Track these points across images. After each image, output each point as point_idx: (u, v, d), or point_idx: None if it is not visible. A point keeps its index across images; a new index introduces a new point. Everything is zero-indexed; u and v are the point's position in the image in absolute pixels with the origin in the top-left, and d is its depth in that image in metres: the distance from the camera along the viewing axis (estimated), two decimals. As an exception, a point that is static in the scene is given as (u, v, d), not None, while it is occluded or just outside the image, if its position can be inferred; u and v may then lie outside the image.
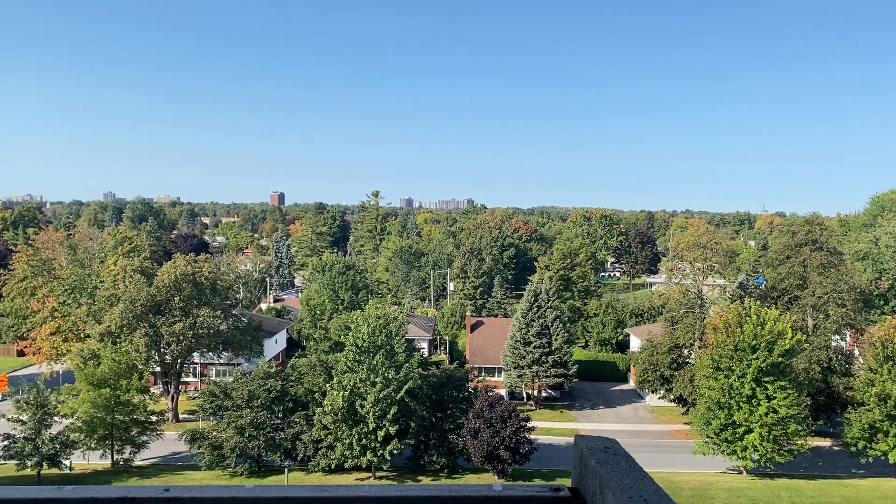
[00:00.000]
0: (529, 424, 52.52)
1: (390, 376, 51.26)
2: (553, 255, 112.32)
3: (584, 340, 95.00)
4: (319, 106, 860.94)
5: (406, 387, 51.38)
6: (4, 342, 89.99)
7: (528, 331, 71.58)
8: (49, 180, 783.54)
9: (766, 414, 51.39)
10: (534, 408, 71.83)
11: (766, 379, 51.85)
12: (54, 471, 50.61)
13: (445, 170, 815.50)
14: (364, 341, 52.17)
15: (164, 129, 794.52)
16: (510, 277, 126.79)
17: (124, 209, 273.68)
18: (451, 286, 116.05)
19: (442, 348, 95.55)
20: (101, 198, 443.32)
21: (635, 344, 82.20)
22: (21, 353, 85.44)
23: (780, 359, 51.53)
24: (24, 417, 49.69)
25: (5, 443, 49.06)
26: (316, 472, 52.57)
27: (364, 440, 50.70)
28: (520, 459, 51.49)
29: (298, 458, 53.29)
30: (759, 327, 52.13)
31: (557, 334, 71.46)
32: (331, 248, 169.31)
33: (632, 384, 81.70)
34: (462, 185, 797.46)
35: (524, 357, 71.14)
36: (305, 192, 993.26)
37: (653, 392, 71.57)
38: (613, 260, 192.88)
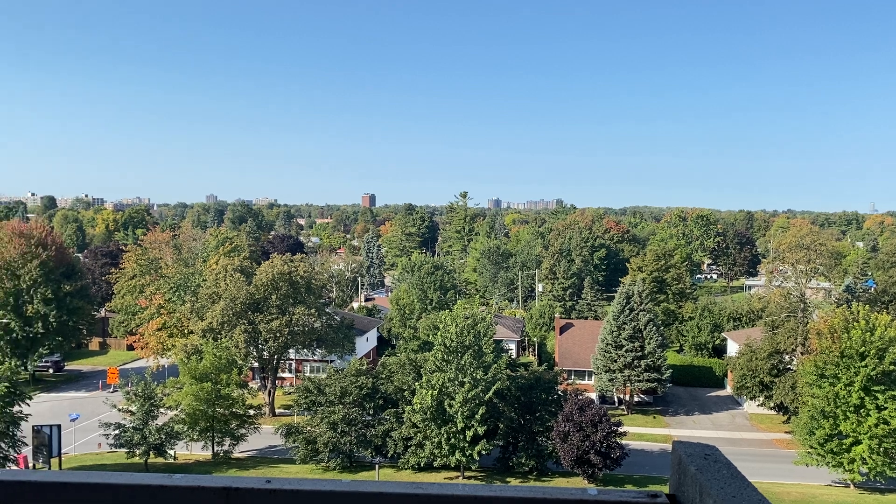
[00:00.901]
0: (621, 429, 51.47)
1: (478, 377, 51.35)
2: (646, 257, 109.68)
3: (678, 344, 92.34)
4: (409, 108, 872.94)
5: (494, 388, 51.35)
6: (116, 337, 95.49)
7: (620, 334, 70.17)
8: (156, 184, 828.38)
9: (877, 425, 48.45)
10: (625, 412, 70.35)
11: (875, 388, 48.90)
12: (160, 460, 53.35)
13: (534, 170, 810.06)
14: (452, 341, 52.47)
15: (262, 134, 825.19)
16: (601, 279, 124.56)
17: (225, 211, 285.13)
18: (539, 287, 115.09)
19: (530, 350, 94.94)
20: (203, 200, 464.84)
21: (733, 349, 79.23)
22: (130, 348, 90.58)
23: (891, 367, 48.49)
24: (134, 408, 52.58)
25: (116, 432, 51.99)
26: (406, 469, 53.30)
27: (452, 439, 50.99)
28: (611, 464, 50.54)
29: (389, 455, 54.15)
30: (869, 333, 49.25)
31: (650, 338, 69.75)
32: (419, 249, 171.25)
33: (729, 390, 78.78)
34: (551, 186, 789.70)
35: (615, 361, 69.79)
36: (395, 193, 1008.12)
37: (751, 399, 68.80)
38: (710, 261, 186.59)
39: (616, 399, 74.11)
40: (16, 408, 47.94)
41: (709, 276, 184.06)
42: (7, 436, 46.55)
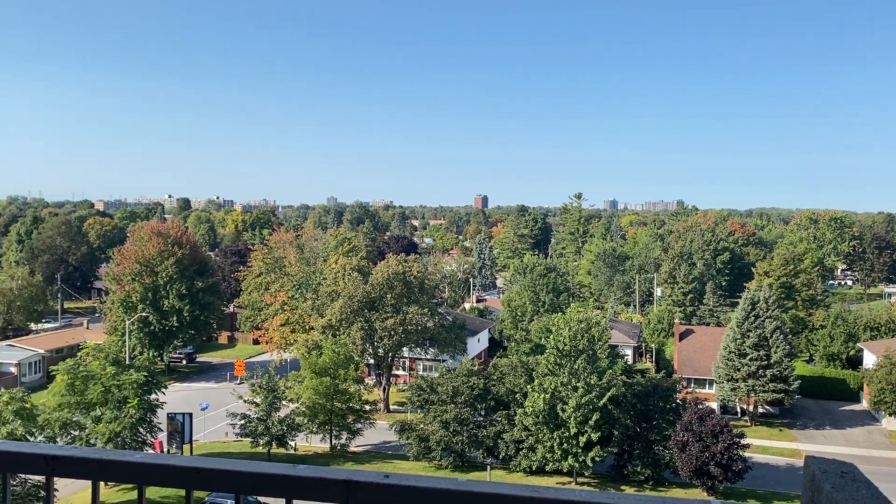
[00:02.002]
0: (743, 441, 49.05)
1: (592, 382, 50.41)
2: (773, 261, 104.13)
3: (807, 354, 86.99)
4: (522, 109, 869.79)
5: (609, 394, 50.25)
6: (243, 331, 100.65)
7: (744, 342, 66.93)
8: (281, 186, 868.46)
9: None
10: (749, 424, 66.99)
11: None
12: (281, 450, 55.71)
13: (652, 169, 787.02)
14: (565, 345, 51.80)
15: (380, 138, 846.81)
16: (724, 284, 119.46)
17: (344, 212, 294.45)
18: (658, 291, 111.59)
19: (647, 356, 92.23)
20: (324, 202, 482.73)
21: (870, 360, 73.73)
22: (256, 342, 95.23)
23: None
24: (258, 400, 55.19)
25: (242, 422, 54.75)
26: (517, 471, 53.08)
27: (565, 444, 50.31)
28: (732, 477, 48.27)
29: (500, 457, 54.11)
30: None
31: (777, 346, 66.09)
32: (532, 251, 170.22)
33: (865, 404, 73.38)
34: (670, 186, 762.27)
35: (739, 369, 66.63)
36: (508, 194, 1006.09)
37: (891, 415, 63.85)
38: (844, 267, 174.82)
39: (739, 410, 70.72)
40: (153, 396, 51.16)
41: (843, 283, 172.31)
42: (145, 422, 49.87)
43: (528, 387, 52.43)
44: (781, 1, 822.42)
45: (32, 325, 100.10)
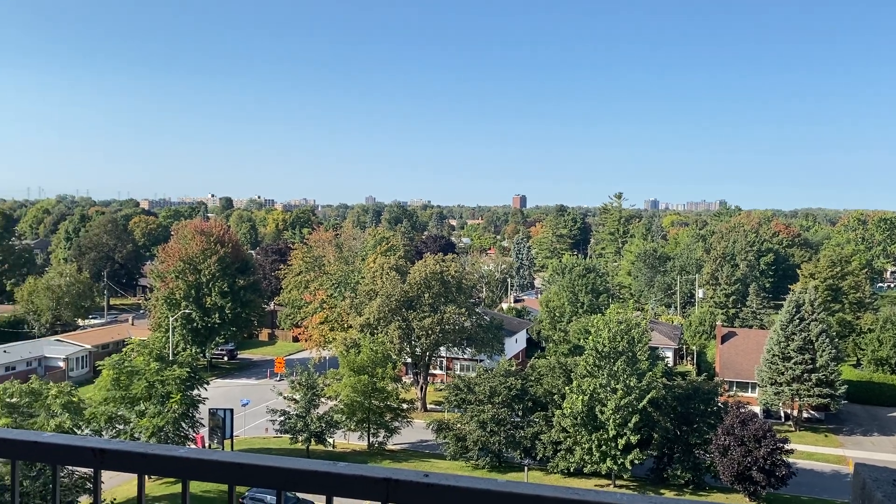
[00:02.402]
0: (787, 446, 48.00)
1: (632, 384, 49.84)
2: (819, 263, 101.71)
3: (855, 358, 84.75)
4: (561, 109, 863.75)
5: (649, 396, 49.63)
6: (283, 329, 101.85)
7: (788, 345, 65.49)
8: (321, 186, 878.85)
9: None
10: (793, 429, 65.55)
11: None
12: (320, 447, 56.24)
13: (694, 169, 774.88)
14: (604, 346, 51.31)
15: (418, 138, 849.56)
16: (767, 286, 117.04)
17: (382, 212, 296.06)
18: (699, 293, 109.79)
19: (688, 359, 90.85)
20: (363, 201, 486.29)
21: (921, 366, 71.52)
22: (296, 339, 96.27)
23: None
24: (297, 397, 55.78)
25: (282, 418, 55.41)
26: (555, 473, 52.75)
27: (604, 447, 49.83)
28: (775, 483, 47.27)
29: (538, 458, 53.83)
30: None
31: (823, 350, 64.53)
32: (571, 251, 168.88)
33: (916, 412, 71.20)
34: (713, 186, 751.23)
35: (782, 373, 65.22)
36: (546, 194, 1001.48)
37: (943, 423, 61.81)
38: (894, 269, 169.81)
39: (782, 414, 69.23)
40: (195, 391, 52.07)
41: (892, 286, 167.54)
42: (187, 417, 50.77)
43: (567, 388, 52.06)
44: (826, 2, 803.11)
45: (80, 321, 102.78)
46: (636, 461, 49.90)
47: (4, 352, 77.83)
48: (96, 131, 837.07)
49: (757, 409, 65.51)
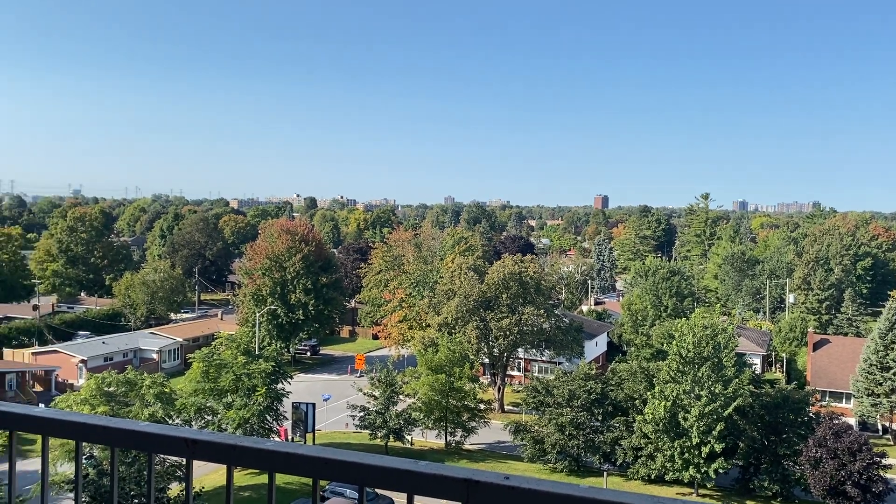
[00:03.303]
0: (885, 461, 45.49)
1: (717, 391, 48.30)
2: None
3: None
4: (646, 105, 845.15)
5: (735, 404, 47.99)
6: (363, 326, 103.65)
7: (888, 354, 62.06)
8: (401, 186, 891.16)
9: None
10: (891, 443, 62.04)
11: None
12: (398, 444, 56.90)
13: (786, 169, 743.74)
14: (689, 351, 49.90)
15: (497, 138, 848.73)
16: (864, 291, 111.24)
17: (461, 212, 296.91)
18: (790, 298, 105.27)
19: (777, 366, 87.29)
20: (442, 201, 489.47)
21: None
22: (375, 337, 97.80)
23: None
24: (377, 393, 56.61)
25: (361, 414, 56.35)
26: (635, 479, 51.71)
27: (686, 454, 48.49)
28: (871, 499, 44.87)
29: (617, 463, 52.91)
30: None
31: (926, 360, 60.83)
32: (654, 253, 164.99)
33: None
34: (805, 186, 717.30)
35: (881, 384, 61.85)
36: (629, 194, 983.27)
37: None
38: None
39: (880, 427, 65.63)
40: (279, 385, 53.57)
41: None
42: (272, 410, 52.29)
43: (648, 393, 50.96)
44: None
45: (172, 315, 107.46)
46: (720, 470, 48.36)
47: (103, 343, 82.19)
48: (190, 133, 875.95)
49: (852, 421, 62.33)
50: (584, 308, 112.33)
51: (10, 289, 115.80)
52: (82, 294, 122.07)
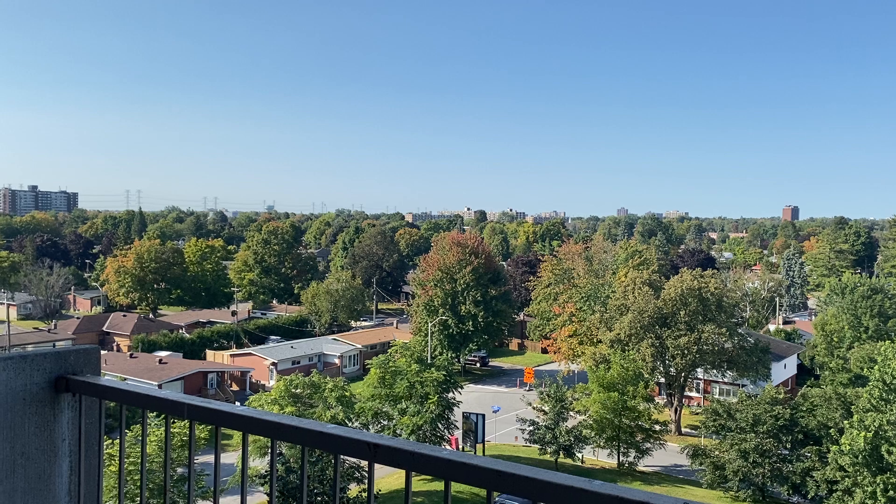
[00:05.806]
0: None
1: (930, 423, 43.05)
2: None
3: None
4: (842, 106, 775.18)
5: (952, 439, 42.49)
6: (531, 339, 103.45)
7: None
8: (571, 198, 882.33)
9: None
10: None
11: None
12: (568, 461, 56.02)
13: None
14: (894, 377, 44.95)
15: (673, 147, 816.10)
16: None
17: (635, 224, 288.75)
18: None
19: None
20: (614, 213, 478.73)
21: None
22: (544, 351, 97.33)
23: None
24: (546, 408, 56.14)
25: (531, 428, 56.10)
26: (829, 516, 47.26)
27: (891, 491, 43.56)
28: None
29: (808, 496, 48.73)
30: None
31: None
32: (853, 268, 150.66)
33: None
34: None
35: None
36: (823, 205, 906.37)
37: None
38: None
39: None
40: (450, 394, 54.66)
41: None
42: (443, 418, 53.46)
43: (846, 422, 46.47)
44: None
45: (352, 323, 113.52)
46: (934, 514, 42.94)
47: (292, 347, 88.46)
48: (370, 151, 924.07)
49: None
50: (772, 327, 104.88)
51: (213, 296, 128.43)
52: (274, 301, 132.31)
